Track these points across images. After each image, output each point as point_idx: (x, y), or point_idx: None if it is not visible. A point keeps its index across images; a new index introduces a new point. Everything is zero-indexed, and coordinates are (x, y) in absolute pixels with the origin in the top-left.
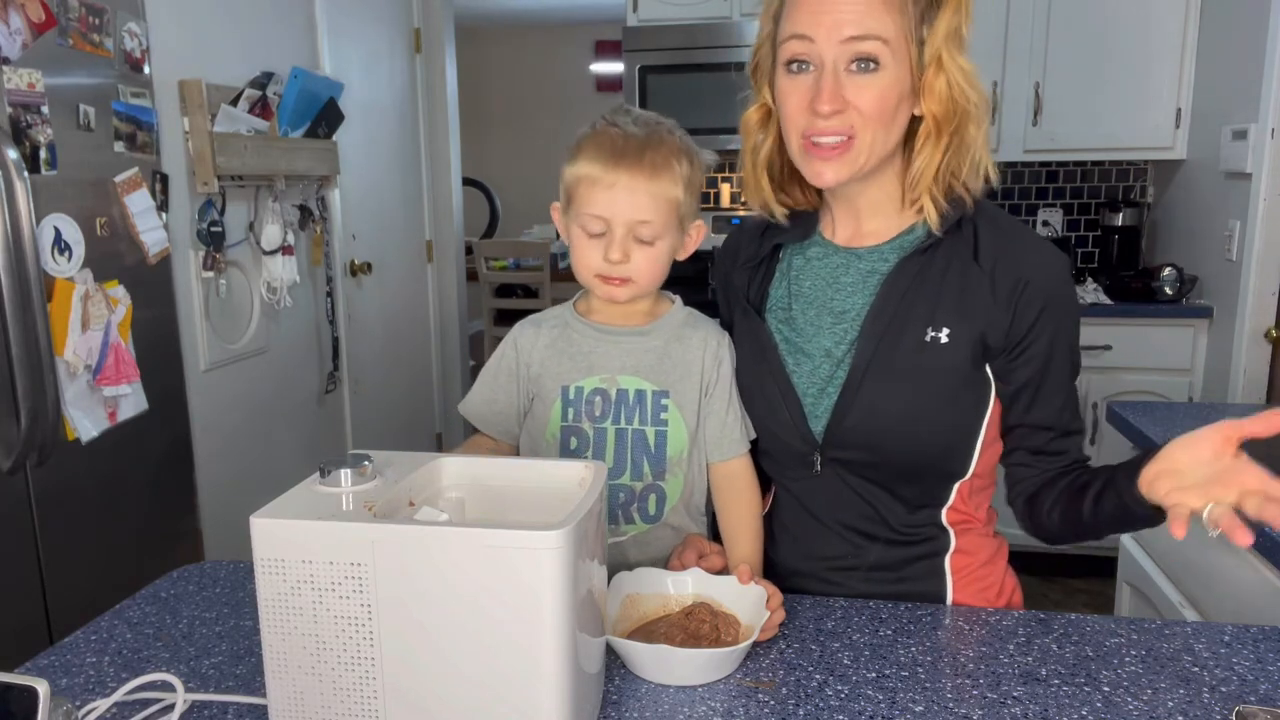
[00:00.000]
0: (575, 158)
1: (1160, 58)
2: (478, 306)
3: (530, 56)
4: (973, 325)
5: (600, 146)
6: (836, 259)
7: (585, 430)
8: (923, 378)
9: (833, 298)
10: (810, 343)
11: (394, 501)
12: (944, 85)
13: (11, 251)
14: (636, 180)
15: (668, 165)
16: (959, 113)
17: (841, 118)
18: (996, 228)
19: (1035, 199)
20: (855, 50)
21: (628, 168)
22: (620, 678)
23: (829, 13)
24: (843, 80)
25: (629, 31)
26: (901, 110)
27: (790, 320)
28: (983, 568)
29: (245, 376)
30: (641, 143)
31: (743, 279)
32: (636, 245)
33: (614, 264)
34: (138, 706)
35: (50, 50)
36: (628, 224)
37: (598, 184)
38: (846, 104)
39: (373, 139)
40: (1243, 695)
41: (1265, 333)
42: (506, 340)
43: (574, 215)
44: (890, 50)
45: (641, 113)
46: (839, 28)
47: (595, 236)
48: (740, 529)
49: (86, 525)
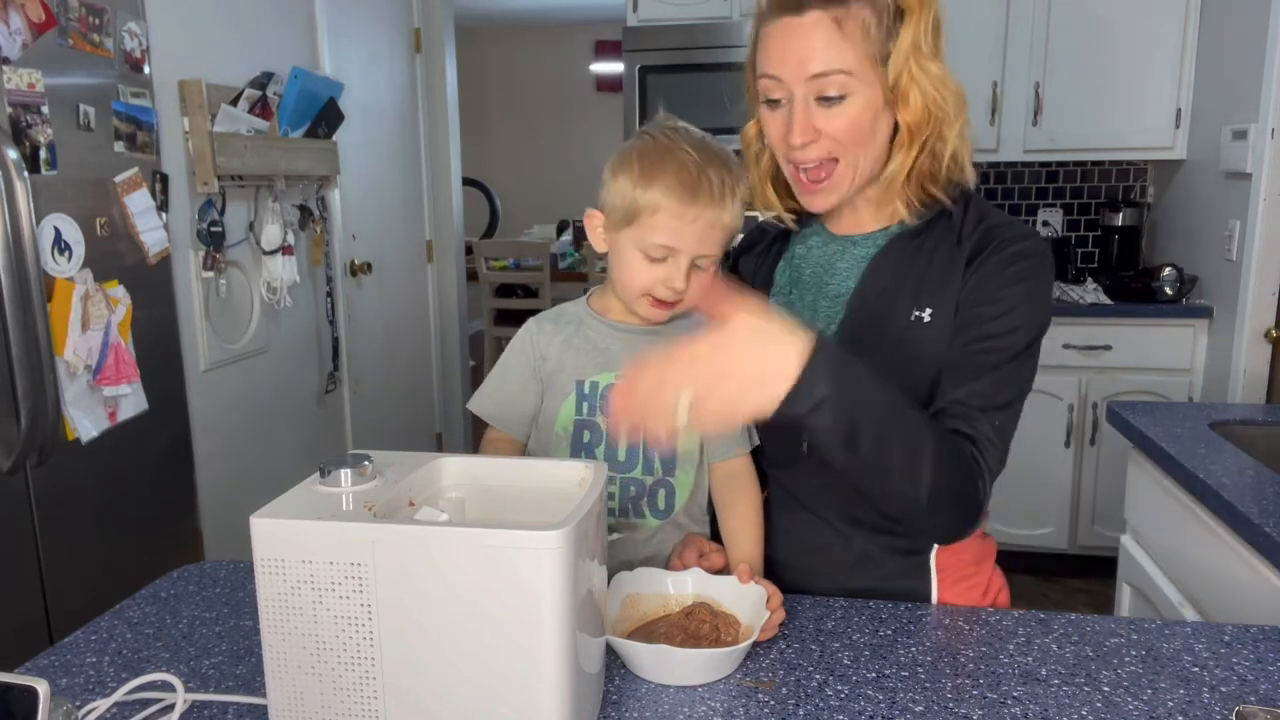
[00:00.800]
0: (650, 182)
1: (1160, 58)
2: (478, 306)
3: (530, 56)
4: (950, 303)
5: (680, 180)
6: (833, 246)
7: (599, 425)
8: (908, 356)
9: (827, 282)
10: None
11: (394, 501)
12: (917, 95)
13: (11, 251)
14: (713, 215)
15: (734, 194)
16: (933, 119)
17: (817, 146)
18: (983, 215)
19: (1035, 199)
20: (819, 87)
21: (706, 203)
22: (620, 678)
23: (792, 51)
24: (813, 112)
25: (629, 31)
26: (880, 126)
27: (789, 306)
28: (969, 566)
29: (245, 376)
30: (718, 176)
31: (748, 266)
32: (695, 273)
33: (674, 291)
34: (138, 706)
35: (50, 50)
36: (695, 256)
37: (678, 217)
38: (819, 133)
39: (373, 139)
40: (1243, 695)
41: (1265, 333)
42: (521, 336)
43: (633, 236)
44: (856, 79)
45: (693, 131)
46: (802, 66)
47: (655, 261)
48: (741, 529)
49: (86, 525)
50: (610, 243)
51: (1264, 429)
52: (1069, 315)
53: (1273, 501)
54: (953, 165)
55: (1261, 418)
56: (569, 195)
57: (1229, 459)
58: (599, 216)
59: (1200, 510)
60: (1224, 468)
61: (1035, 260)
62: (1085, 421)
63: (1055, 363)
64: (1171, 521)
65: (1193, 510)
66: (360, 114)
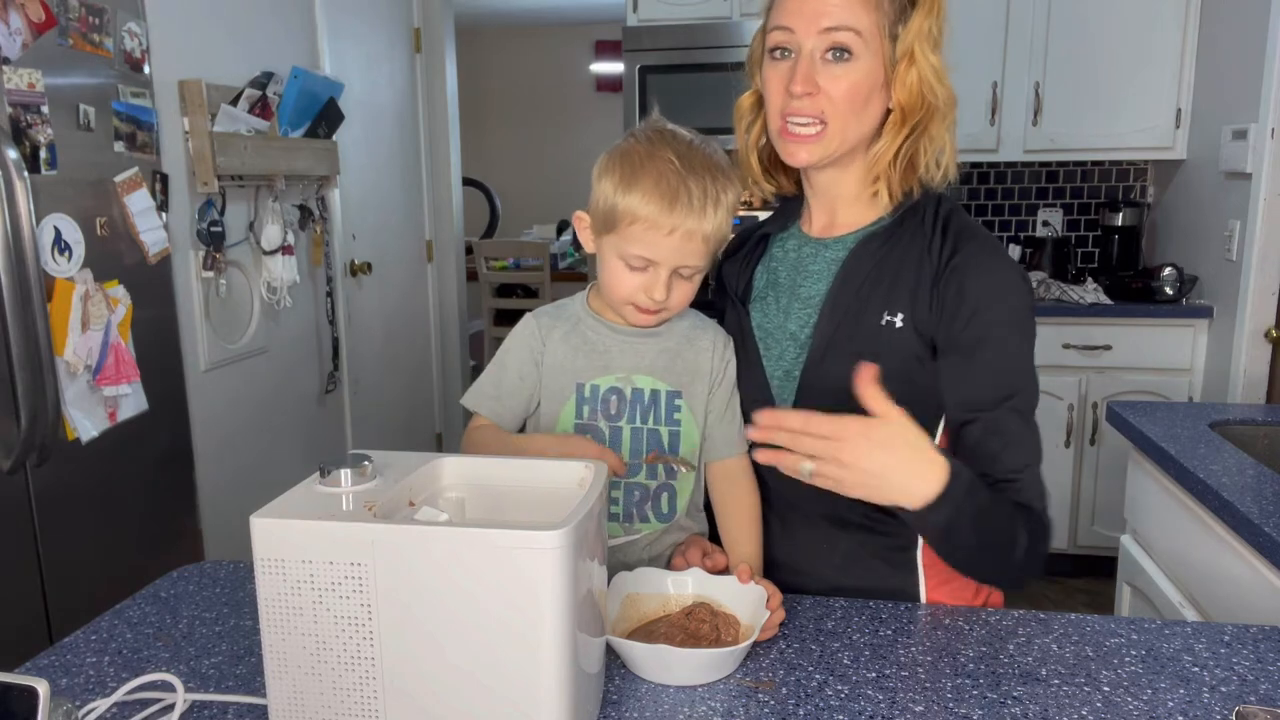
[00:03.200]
0: (628, 188)
1: (1160, 58)
2: (478, 306)
3: (530, 56)
4: (921, 312)
5: (659, 187)
6: (806, 249)
7: (601, 428)
8: (878, 360)
9: (800, 284)
10: (780, 329)
11: (394, 501)
12: (914, 79)
13: (11, 251)
14: (691, 226)
15: (719, 202)
16: (925, 106)
17: (813, 100)
18: (958, 230)
19: (1035, 199)
20: (831, 40)
21: (683, 213)
22: (620, 678)
23: (810, 4)
24: (818, 67)
25: (629, 31)
26: (874, 102)
27: (765, 308)
28: None
29: (245, 376)
30: (699, 185)
31: (732, 270)
32: (678, 281)
33: (654, 301)
34: (138, 706)
35: (50, 50)
36: (674, 268)
37: (654, 229)
38: (819, 89)
39: (373, 139)
40: (1243, 695)
41: (1265, 333)
42: (522, 327)
43: (613, 243)
44: (864, 42)
45: (687, 135)
46: (817, 19)
47: (636, 270)
48: (740, 529)
49: (86, 525)
50: (596, 246)
51: (1264, 429)
52: (1069, 315)
53: (1273, 501)
54: (934, 164)
55: (1261, 418)
56: (569, 195)
57: (1229, 459)
58: (586, 219)
59: (1200, 510)
60: (1224, 468)
61: (1025, 295)
62: (1085, 421)
63: (1055, 363)
64: (1171, 521)
65: (1193, 510)
66: (360, 114)
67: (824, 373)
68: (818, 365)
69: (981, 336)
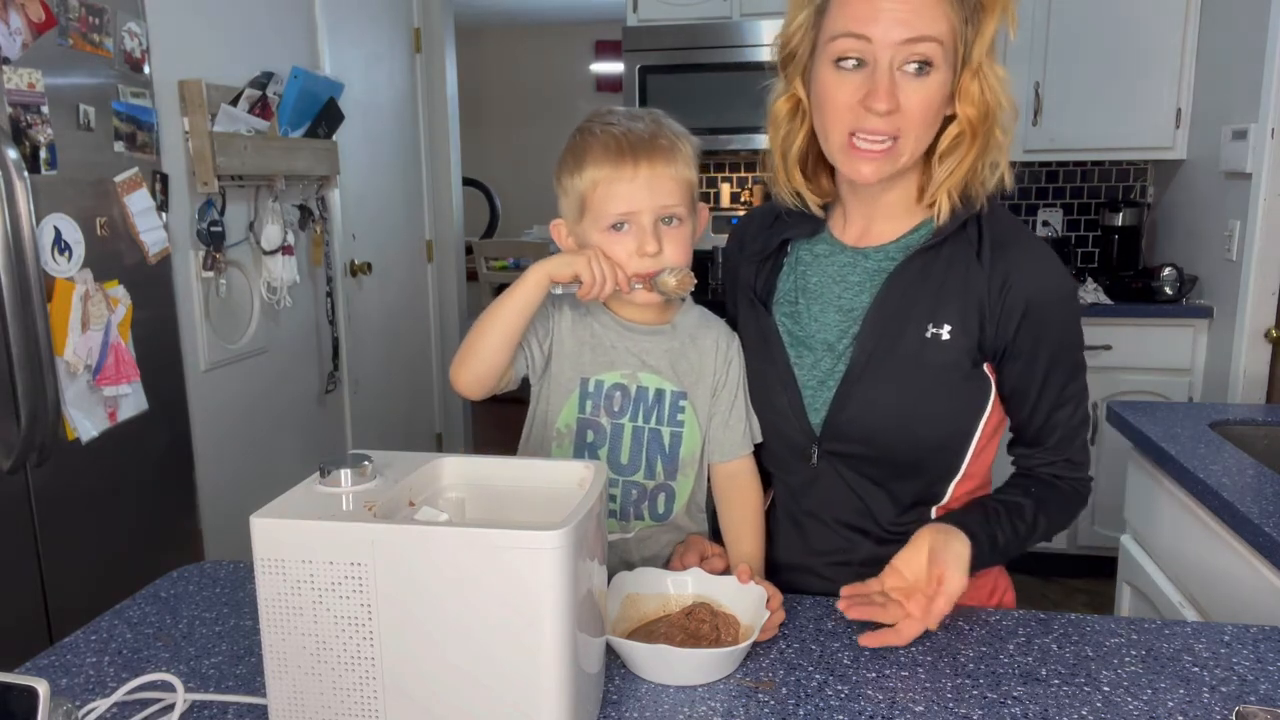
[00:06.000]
0: (580, 166)
1: (1160, 58)
2: (478, 306)
3: (530, 56)
4: (972, 323)
5: (607, 147)
6: (844, 257)
7: (603, 425)
8: (922, 373)
9: (840, 294)
10: (813, 336)
11: (394, 501)
12: (978, 90)
13: (11, 251)
14: (656, 167)
15: (675, 148)
16: (990, 117)
17: (891, 119)
18: (1001, 229)
19: (1035, 199)
20: (912, 52)
21: (645, 157)
22: (620, 678)
23: (886, 10)
24: (897, 80)
25: (629, 31)
26: (940, 114)
27: (795, 314)
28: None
29: (245, 376)
30: (648, 132)
31: (750, 271)
32: (666, 231)
33: (651, 256)
34: (138, 706)
35: (50, 50)
36: (654, 212)
37: (617, 181)
38: (898, 105)
39: (373, 139)
40: (1243, 695)
41: (1265, 333)
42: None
43: (593, 221)
44: (943, 52)
45: (623, 109)
46: (899, 26)
47: (623, 235)
48: (742, 529)
49: (86, 525)
50: (581, 239)
51: (1264, 429)
52: None
53: (1273, 501)
54: (990, 173)
55: (1261, 418)
56: None
57: (1229, 459)
58: (563, 224)
59: (1200, 510)
60: (1224, 468)
61: (1067, 302)
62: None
63: None
64: (1171, 521)
65: (1193, 510)
66: (360, 114)
67: (863, 385)
68: (858, 377)
69: (1039, 336)
